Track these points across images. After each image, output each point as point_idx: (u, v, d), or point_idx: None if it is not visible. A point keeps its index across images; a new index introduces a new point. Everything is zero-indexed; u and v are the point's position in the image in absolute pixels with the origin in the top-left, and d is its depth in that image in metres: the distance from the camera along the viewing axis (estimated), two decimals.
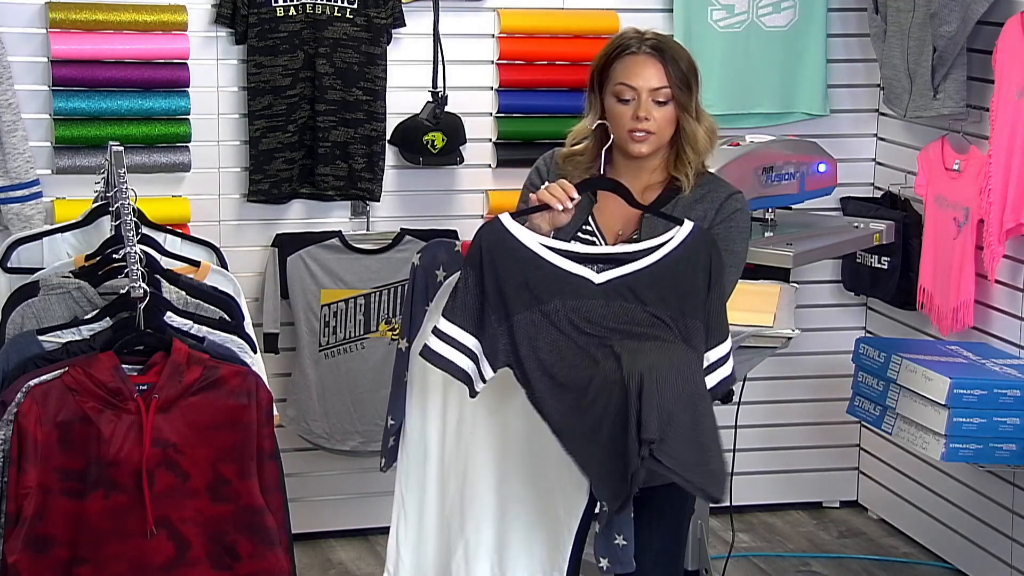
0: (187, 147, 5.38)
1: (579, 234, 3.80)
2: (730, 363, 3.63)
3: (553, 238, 3.66)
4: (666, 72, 3.73)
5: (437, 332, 3.56)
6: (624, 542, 3.67)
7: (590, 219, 3.80)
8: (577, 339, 3.55)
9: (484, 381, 3.57)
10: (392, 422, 3.97)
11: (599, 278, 3.57)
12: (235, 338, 3.89)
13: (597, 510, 3.69)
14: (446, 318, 3.57)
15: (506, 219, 3.61)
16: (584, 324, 3.55)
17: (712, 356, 3.59)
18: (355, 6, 5.43)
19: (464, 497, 3.81)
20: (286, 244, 5.52)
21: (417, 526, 3.91)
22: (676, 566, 3.97)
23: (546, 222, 3.65)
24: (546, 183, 3.71)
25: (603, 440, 3.52)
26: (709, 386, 3.57)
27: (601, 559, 3.67)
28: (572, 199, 3.63)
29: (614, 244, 3.77)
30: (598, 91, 3.80)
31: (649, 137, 3.73)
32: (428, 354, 3.57)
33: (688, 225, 3.61)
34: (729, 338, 3.63)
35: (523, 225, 3.61)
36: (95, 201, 4.47)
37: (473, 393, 3.58)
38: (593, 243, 3.79)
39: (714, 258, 3.59)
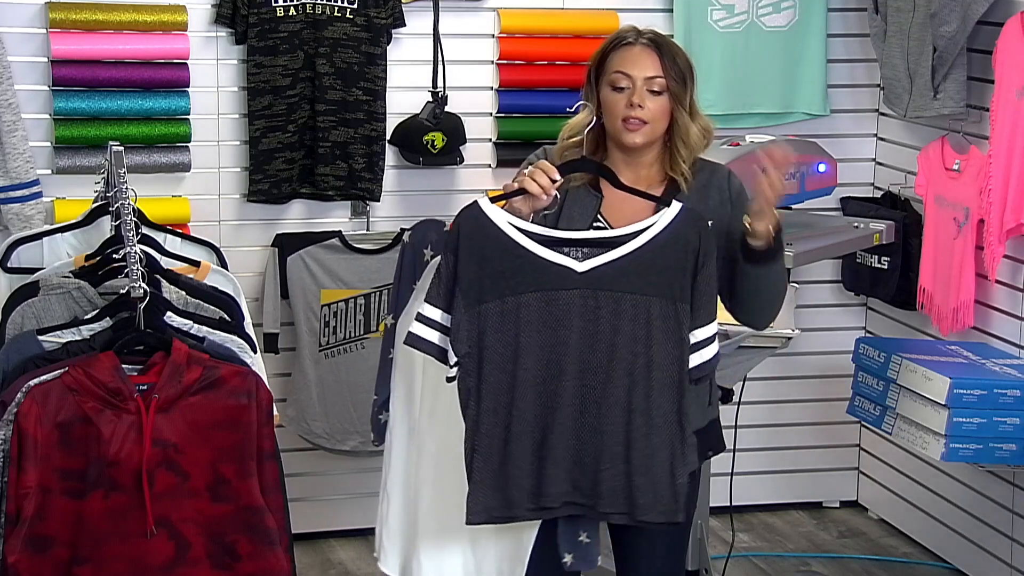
0: (187, 147, 5.38)
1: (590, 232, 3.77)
2: (714, 345, 3.59)
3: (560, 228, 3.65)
4: (662, 63, 3.72)
5: (419, 317, 3.57)
6: (588, 540, 3.67)
7: (600, 216, 3.75)
8: (545, 337, 3.53)
9: (451, 365, 3.56)
10: (376, 397, 3.98)
11: (582, 266, 3.54)
12: (235, 338, 3.89)
13: None
14: (427, 302, 3.57)
15: (485, 204, 3.58)
16: (555, 322, 3.52)
17: (695, 337, 3.57)
18: (355, 6, 5.43)
19: (435, 480, 3.80)
20: (286, 244, 5.52)
21: (401, 507, 3.89)
22: (680, 565, 3.97)
23: (527, 206, 3.61)
24: (528, 167, 3.67)
25: (532, 449, 3.52)
26: (692, 365, 3.56)
27: (566, 555, 3.67)
28: (554, 180, 3.59)
29: None
30: (594, 83, 3.79)
31: (643, 127, 3.71)
32: (410, 339, 3.57)
33: (676, 207, 3.58)
34: (715, 321, 3.59)
35: (503, 209, 3.58)
36: (95, 201, 4.47)
37: (449, 378, 3.57)
38: None
39: (703, 239, 3.57)
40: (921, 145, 5.68)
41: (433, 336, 3.56)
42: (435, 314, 3.55)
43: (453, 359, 3.54)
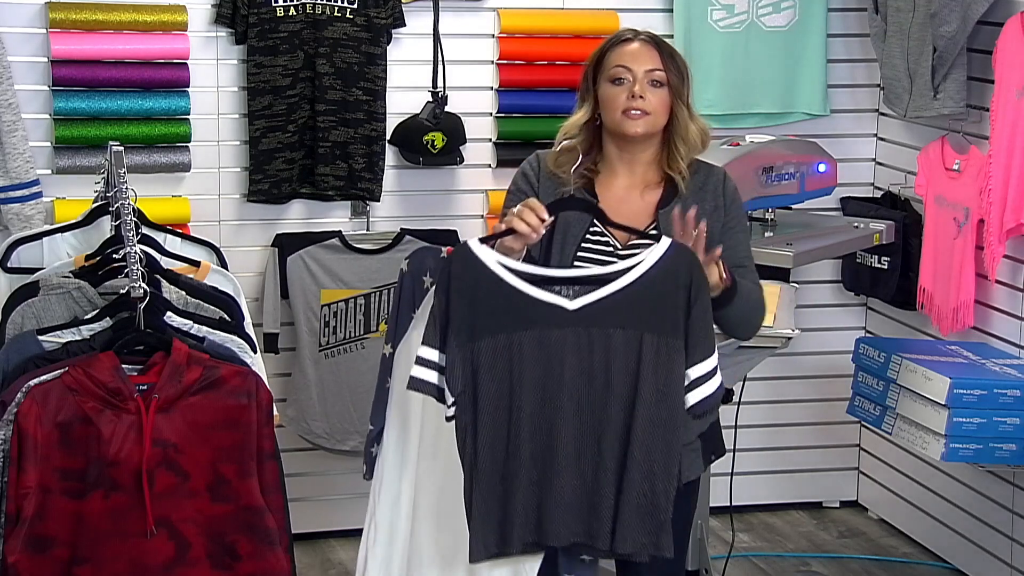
0: (187, 147, 5.38)
1: (588, 236, 3.75)
2: (715, 379, 3.51)
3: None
4: (661, 58, 3.74)
5: (418, 359, 3.51)
6: (588, 558, 3.65)
7: (595, 220, 3.73)
8: (539, 375, 3.48)
9: (449, 404, 3.51)
10: (372, 427, 3.96)
11: (573, 304, 3.48)
12: (235, 338, 3.89)
13: None
14: (424, 344, 3.52)
15: (474, 244, 3.52)
16: (548, 360, 3.47)
17: (694, 373, 3.50)
18: (355, 6, 5.43)
19: (440, 513, 3.76)
20: (286, 244, 5.52)
21: (388, 538, 3.88)
22: (680, 566, 3.96)
23: (518, 244, 3.57)
24: (517, 206, 3.61)
25: (530, 486, 3.48)
26: (691, 404, 3.50)
27: (566, 575, 3.65)
28: (543, 220, 3.54)
29: (626, 243, 3.71)
30: (592, 82, 3.79)
31: (644, 117, 3.71)
32: (412, 383, 3.52)
33: (665, 242, 3.52)
34: (715, 354, 3.52)
35: (494, 248, 3.53)
36: (95, 201, 4.47)
37: (448, 417, 3.52)
38: (606, 243, 3.73)
39: (695, 275, 3.51)
40: (921, 145, 5.68)
41: (432, 377, 3.50)
42: (432, 355, 3.50)
43: (450, 398, 3.50)
